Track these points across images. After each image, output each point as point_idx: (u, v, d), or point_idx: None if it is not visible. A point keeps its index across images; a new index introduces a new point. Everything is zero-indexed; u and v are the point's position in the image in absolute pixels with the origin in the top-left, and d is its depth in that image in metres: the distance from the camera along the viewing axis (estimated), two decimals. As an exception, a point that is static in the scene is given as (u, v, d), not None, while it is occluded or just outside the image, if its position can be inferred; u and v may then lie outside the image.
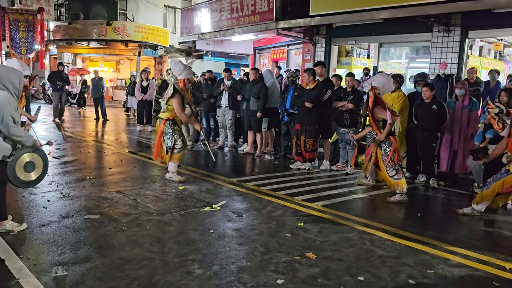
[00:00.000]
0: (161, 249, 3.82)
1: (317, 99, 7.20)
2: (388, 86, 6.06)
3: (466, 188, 6.71)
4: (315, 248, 4.00)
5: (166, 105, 6.23)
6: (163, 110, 6.33)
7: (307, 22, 9.80)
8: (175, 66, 6.31)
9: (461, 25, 8.20)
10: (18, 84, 3.86)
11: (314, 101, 7.17)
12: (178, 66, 6.27)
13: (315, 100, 7.19)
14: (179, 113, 6.17)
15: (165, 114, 6.26)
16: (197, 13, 13.80)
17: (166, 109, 6.25)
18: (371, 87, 5.84)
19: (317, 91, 7.26)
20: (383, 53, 10.85)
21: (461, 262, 3.86)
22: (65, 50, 23.04)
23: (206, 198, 5.52)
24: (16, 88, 3.85)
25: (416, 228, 4.76)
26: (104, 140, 10.52)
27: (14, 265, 3.35)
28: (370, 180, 6.57)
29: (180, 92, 6.16)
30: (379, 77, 6.06)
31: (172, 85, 6.16)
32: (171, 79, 6.30)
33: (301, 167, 7.61)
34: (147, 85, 11.68)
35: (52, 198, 5.20)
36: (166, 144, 6.26)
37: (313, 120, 7.26)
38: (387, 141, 5.89)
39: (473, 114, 6.79)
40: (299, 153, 7.46)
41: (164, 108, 6.29)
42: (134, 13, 22.47)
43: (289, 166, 7.79)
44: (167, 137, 6.24)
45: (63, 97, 13.93)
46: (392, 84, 6.19)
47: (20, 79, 3.88)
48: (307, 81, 7.39)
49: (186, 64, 6.64)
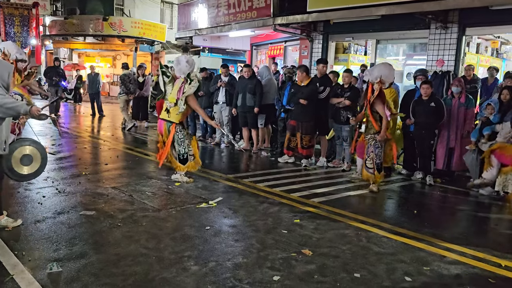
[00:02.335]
0: (157, 245, 3.81)
1: (311, 95, 7.20)
2: (390, 76, 6.11)
3: (462, 185, 6.72)
4: (311, 245, 4.00)
5: (185, 105, 5.71)
6: (178, 110, 5.75)
7: (305, 18, 9.77)
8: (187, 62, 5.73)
9: (459, 22, 8.20)
10: (7, 77, 3.80)
11: (308, 98, 7.16)
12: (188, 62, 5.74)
13: (309, 97, 7.18)
14: (198, 108, 5.94)
15: (178, 117, 5.77)
16: (194, 8, 13.75)
17: (181, 111, 5.72)
18: (379, 81, 5.83)
19: (310, 88, 7.25)
20: (381, 50, 10.85)
21: (457, 259, 3.87)
22: (61, 45, 22.91)
23: (202, 195, 5.50)
24: (4, 81, 3.79)
25: (412, 225, 4.76)
26: (100, 136, 10.47)
27: (9, 261, 3.33)
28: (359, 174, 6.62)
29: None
30: (382, 67, 6.06)
31: (196, 81, 5.71)
32: (196, 75, 5.80)
33: (289, 161, 7.72)
34: (143, 81, 11.61)
35: (48, 194, 5.17)
36: (178, 151, 5.87)
37: (308, 117, 7.27)
38: None
39: (469, 111, 6.79)
40: (291, 147, 7.54)
41: (182, 109, 5.74)
42: (131, 9, 22.35)
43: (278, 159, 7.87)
44: (179, 144, 5.81)
45: (59, 92, 13.85)
46: (394, 74, 6.20)
47: (9, 73, 3.81)
48: (301, 78, 7.40)
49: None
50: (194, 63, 5.87)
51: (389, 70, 6.04)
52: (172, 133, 5.81)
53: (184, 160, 5.95)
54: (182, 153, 5.89)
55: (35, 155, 4.57)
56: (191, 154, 5.98)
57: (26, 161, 4.48)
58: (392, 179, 7.02)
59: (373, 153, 6.04)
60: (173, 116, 5.83)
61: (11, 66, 3.97)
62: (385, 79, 5.96)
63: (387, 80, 6.06)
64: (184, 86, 5.74)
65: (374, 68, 6.19)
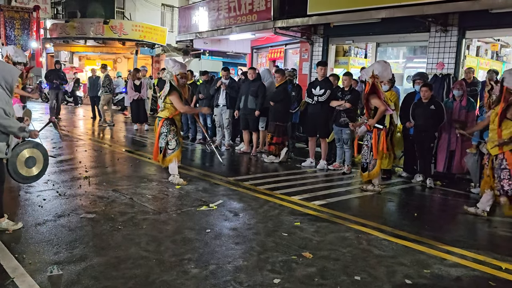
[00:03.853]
0: (157, 248, 3.81)
1: (274, 97, 8.00)
2: (386, 74, 6.10)
3: (463, 188, 6.72)
4: (311, 248, 4.00)
5: (164, 103, 6.10)
6: (161, 108, 6.17)
7: (305, 21, 9.78)
8: (166, 63, 6.28)
9: (459, 25, 8.21)
10: (11, 80, 3.85)
11: (273, 100, 8.01)
12: (168, 63, 6.21)
13: (273, 99, 8.01)
14: (181, 107, 6.03)
15: (164, 113, 6.10)
16: (195, 11, 13.77)
17: (164, 107, 6.12)
18: (372, 75, 5.93)
19: (276, 90, 8.09)
20: (381, 53, 10.85)
21: (458, 262, 3.86)
22: (62, 48, 22.95)
23: (202, 197, 5.50)
24: (8, 84, 3.83)
25: (412, 227, 4.76)
26: (101, 138, 10.48)
27: (9, 264, 3.33)
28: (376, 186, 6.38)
29: (177, 88, 6.04)
30: (376, 65, 6.13)
31: (168, 82, 6.06)
32: (166, 75, 6.20)
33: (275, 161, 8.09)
34: (139, 84, 11.64)
35: (48, 197, 5.17)
36: (160, 143, 6.14)
37: (272, 116, 8.08)
38: (370, 134, 6.21)
39: (470, 114, 6.80)
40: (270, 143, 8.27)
41: (162, 106, 6.17)
42: (132, 12, 22.40)
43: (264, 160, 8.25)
44: (161, 137, 6.10)
45: (59, 95, 13.87)
46: (390, 71, 6.25)
47: (13, 77, 3.87)
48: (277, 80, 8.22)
49: (183, 62, 6.57)
50: (172, 65, 6.13)
51: (382, 66, 6.05)
52: (159, 127, 6.11)
53: (163, 154, 6.15)
54: (161, 146, 6.13)
55: (38, 157, 4.66)
56: (170, 149, 6.13)
57: (30, 163, 4.59)
58: (393, 182, 7.03)
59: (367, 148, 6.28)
60: (162, 112, 6.16)
61: (17, 71, 4.02)
62: (378, 74, 5.97)
63: (381, 76, 6.04)
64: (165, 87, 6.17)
65: (369, 67, 6.28)
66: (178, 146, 6.17)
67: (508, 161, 4.88)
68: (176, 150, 6.15)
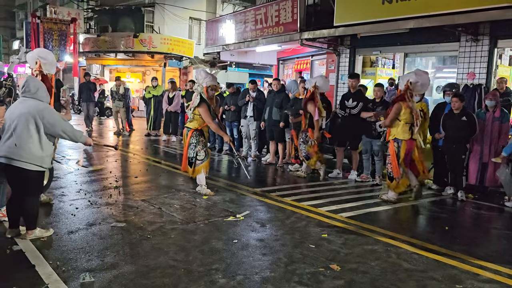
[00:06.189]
0: (185, 257, 3.85)
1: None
2: (324, 87, 7.47)
3: (496, 201, 6.51)
4: (339, 260, 3.95)
5: (193, 114, 6.15)
6: (190, 119, 6.25)
7: (331, 32, 9.78)
8: (198, 74, 6.36)
9: (490, 34, 8.04)
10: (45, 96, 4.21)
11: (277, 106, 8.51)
12: (200, 74, 6.29)
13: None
14: (209, 122, 6.11)
15: (193, 124, 6.17)
16: (222, 24, 13.99)
17: (193, 118, 6.18)
18: (314, 85, 7.19)
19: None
20: (409, 63, 10.71)
21: (492, 278, 3.74)
22: (93, 61, 23.70)
23: (229, 208, 5.54)
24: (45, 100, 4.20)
25: (443, 241, 4.64)
26: (130, 149, 10.71)
27: (44, 271, 3.44)
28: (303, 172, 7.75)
29: (206, 101, 6.09)
30: (318, 78, 7.55)
31: (198, 94, 6.13)
32: (197, 88, 6.31)
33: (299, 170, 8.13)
34: (173, 96, 11.93)
35: (80, 206, 5.32)
36: (189, 154, 6.20)
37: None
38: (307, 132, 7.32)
39: (504, 125, 6.62)
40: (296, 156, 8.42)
41: (191, 117, 6.23)
42: (160, 25, 22.94)
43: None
44: (191, 148, 6.17)
45: (90, 107, 14.24)
46: (328, 85, 7.77)
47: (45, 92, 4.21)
48: None
49: (211, 73, 6.65)
50: (204, 77, 6.20)
51: (323, 80, 7.46)
52: (188, 138, 6.19)
53: (191, 164, 6.21)
54: (190, 157, 6.19)
55: None
56: (199, 159, 6.18)
57: None
58: (423, 194, 6.87)
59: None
60: (191, 123, 6.24)
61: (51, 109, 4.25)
62: (319, 86, 7.26)
63: (321, 88, 7.32)
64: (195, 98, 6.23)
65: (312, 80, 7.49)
66: (207, 157, 6.24)
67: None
68: (205, 161, 6.21)
